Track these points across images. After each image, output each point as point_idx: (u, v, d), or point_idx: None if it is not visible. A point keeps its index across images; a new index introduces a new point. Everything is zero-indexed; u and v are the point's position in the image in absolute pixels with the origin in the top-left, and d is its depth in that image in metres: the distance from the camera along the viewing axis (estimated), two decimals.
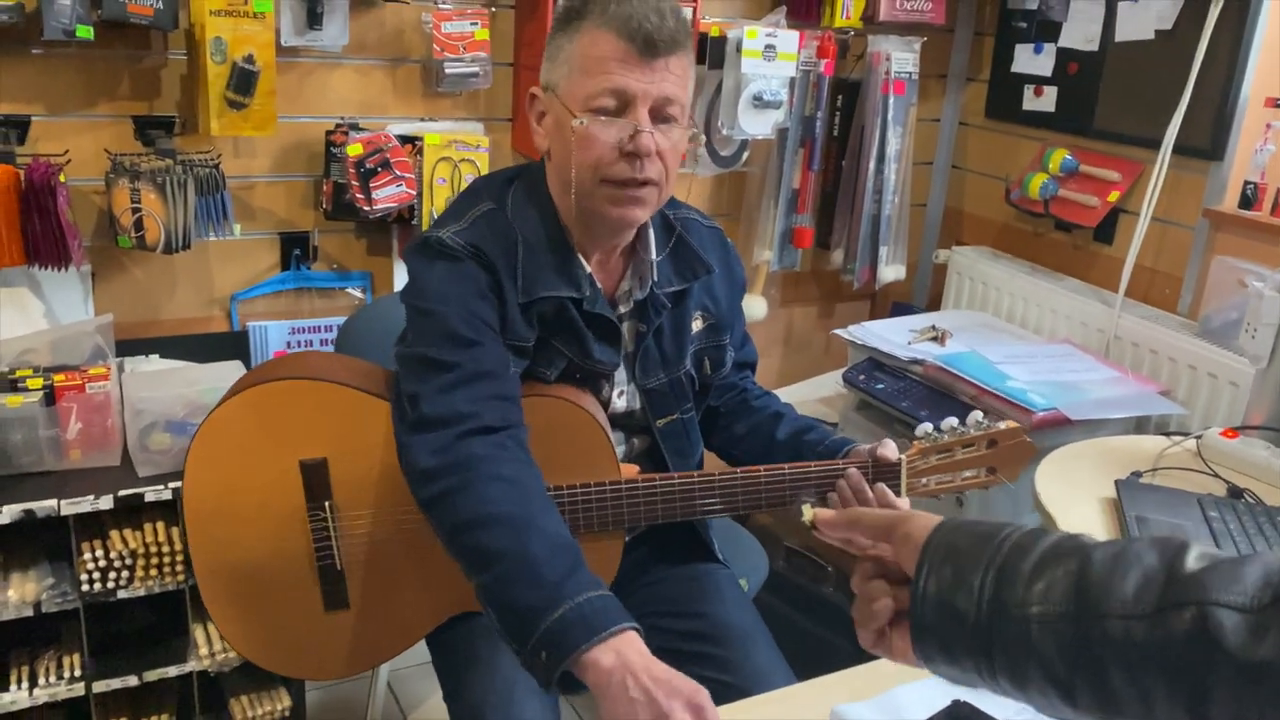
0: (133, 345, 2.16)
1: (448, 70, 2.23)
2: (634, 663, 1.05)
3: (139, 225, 1.98)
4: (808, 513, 0.91)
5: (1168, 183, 2.37)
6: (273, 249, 2.27)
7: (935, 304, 3.03)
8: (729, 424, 1.62)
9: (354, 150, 2.14)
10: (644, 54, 1.26)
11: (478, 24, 2.22)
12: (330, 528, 1.38)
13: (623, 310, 1.45)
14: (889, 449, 1.40)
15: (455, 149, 2.23)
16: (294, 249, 2.27)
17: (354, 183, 2.16)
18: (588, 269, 1.40)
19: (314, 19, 2.08)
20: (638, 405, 1.48)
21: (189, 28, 2.02)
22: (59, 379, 1.85)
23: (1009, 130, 2.87)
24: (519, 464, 1.23)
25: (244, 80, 1.97)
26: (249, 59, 1.97)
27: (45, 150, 1.96)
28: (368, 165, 2.15)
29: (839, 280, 2.94)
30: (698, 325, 1.52)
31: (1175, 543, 0.71)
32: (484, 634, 1.38)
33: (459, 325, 1.29)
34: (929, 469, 1.44)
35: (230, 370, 2.01)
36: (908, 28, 2.73)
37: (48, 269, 1.93)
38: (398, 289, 1.90)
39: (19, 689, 1.87)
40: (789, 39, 2.47)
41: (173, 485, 1.84)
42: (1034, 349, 2.37)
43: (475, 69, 2.25)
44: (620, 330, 1.43)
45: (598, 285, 1.41)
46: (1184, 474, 1.71)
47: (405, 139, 2.21)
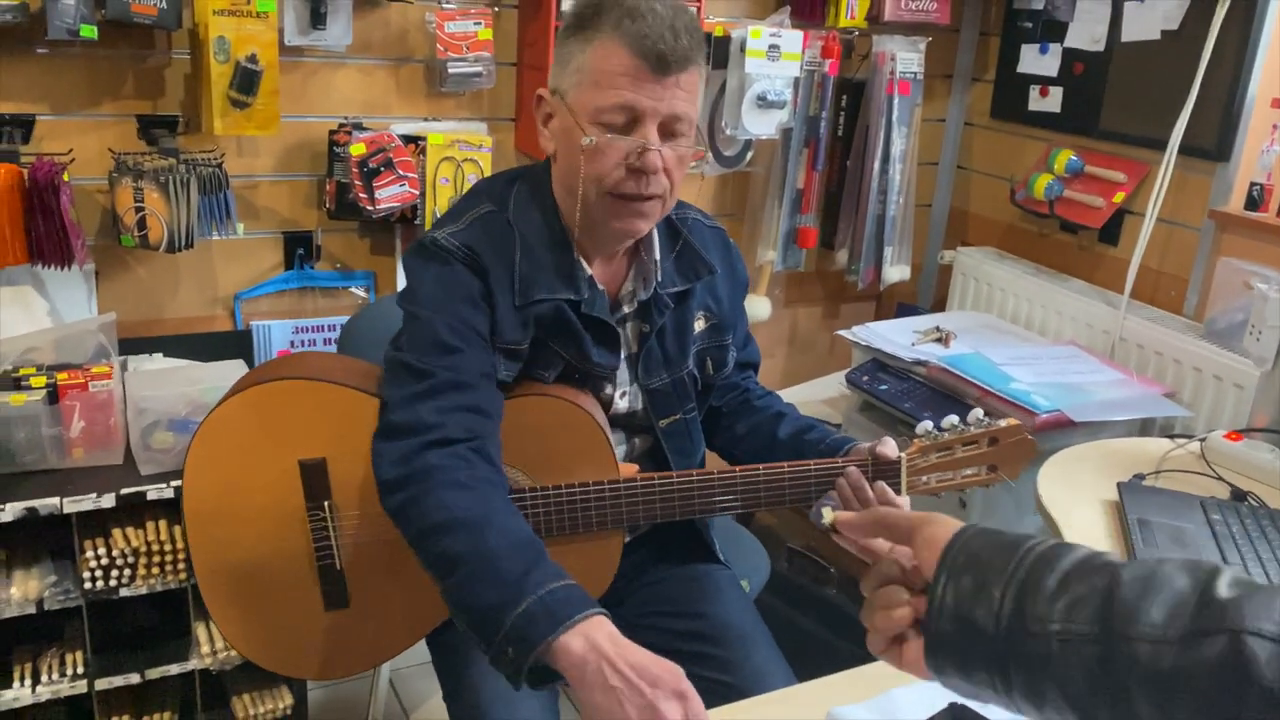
0: (137, 344, 2.17)
1: (451, 70, 2.23)
2: (606, 649, 1.04)
3: (142, 224, 1.98)
4: (828, 515, 0.89)
5: (1173, 184, 2.36)
6: (276, 248, 2.28)
7: (940, 305, 3.02)
8: (731, 424, 1.62)
9: (357, 150, 2.14)
10: (656, 71, 1.25)
11: (481, 24, 2.23)
12: (330, 527, 1.38)
13: (626, 310, 1.45)
14: (888, 447, 1.40)
15: (458, 149, 2.23)
16: (297, 248, 2.28)
17: (357, 182, 2.16)
18: (588, 271, 1.40)
19: (317, 19, 2.08)
20: (640, 405, 1.48)
21: (193, 27, 2.03)
22: (62, 377, 1.86)
23: (1014, 130, 2.86)
24: (478, 472, 1.23)
25: (247, 80, 1.98)
26: (252, 58, 1.98)
27: (50, 149, 1.97)
28: (371, 165, 2.15)
29: (843, 281, 2.94)
30: (700, 325, 1.52)
31: (1207, 567, 0.69)
32: None
33: (443, 331, 1.29)
34: (929, 467, 1.43)
35: (232, 369, 2.01)
36: (913, 28, 2.73)
37: (51, 268, 1.94)
38: (400, 289, 1.90)
39: (22, 686, 1.88)
40: (793, 39, 2.46)
41: (175, 484, 1.85)
42: (1038, 350, 2.36)
43: (479, 69, 2.25)
44: (618, 333, 1.43)
45: (599, 287, 1.40)
46: (1187, 476, 1.70)
47: (408, 139, 2.21)
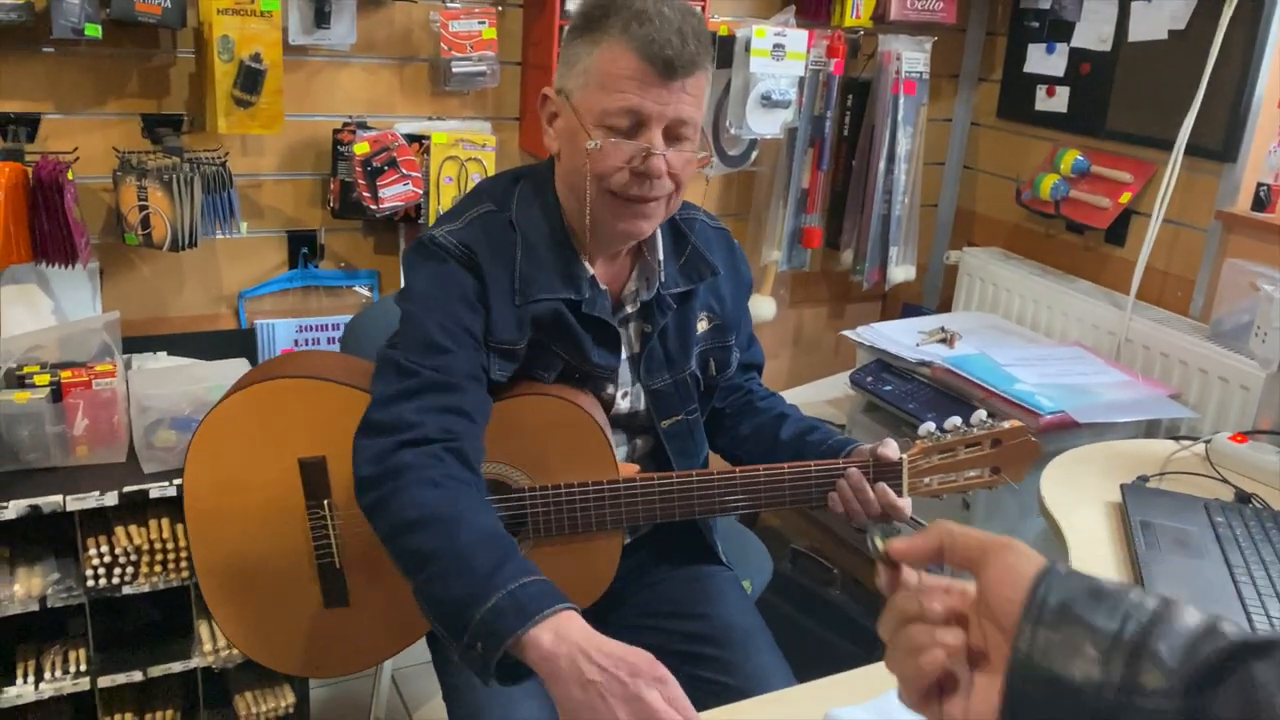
0: (141, 342, 2.17)
1: (455, 69, 2.23)
2: (579, 641, 1.02)
3: (146, 223, 1.98)
4: (880, 544, 0.79)
5: (1180, 184, 2.34)
6: (280, 247, 2.28)
7: (946, 305, 3.01)
8: (734, 425, 1.62)
9: (361, 149, 2.14)
10: (662, 76, 1.25)
11: (485, 23, 2.23)
12: (329, 526, 1.38)
13: (629, 310, 1.45)
14: (890, 448, 1.39)
15: (462, 148, 2.23)
16: (301, 247, 2.28)
17: (361, 181, 2.16)
18: (590, 271, 1.39)
19: (322, 18, 2.08)
20: (642, 406, 1.48)
21: (197, 26, 2.03)
22: (66, 375, 1.86)
23: (1020, 130, 2.85)
24: (451, 471, 1.22)
25: (251, 79, 1.98)
26: (256, 57, 1.98)
27: (55, 148, 1.98)
28: (374, 164, 2.15)
29: (849, 281, 2.93)
30: (703, 326, 1.51)
31: None
32: None
33: (434, 331, 1.29)
34: (931, 468, 1.42)
35: (235, 368, 2.01)
36: (918, 27, 2.72)
37: (56, 266, 1.94)
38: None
39: (25, 683, 1.88)
40: (798, 38, 2.46)
41: (177, 482, 1.85)
42: (1043, 351, 2.35)
43: (483, 68, 2.25)
44: (619, 333, 1.42)
45: (601, 287, 1.40)
46: (1191, 478, 1.69)
47: (412, 138, 2.21)
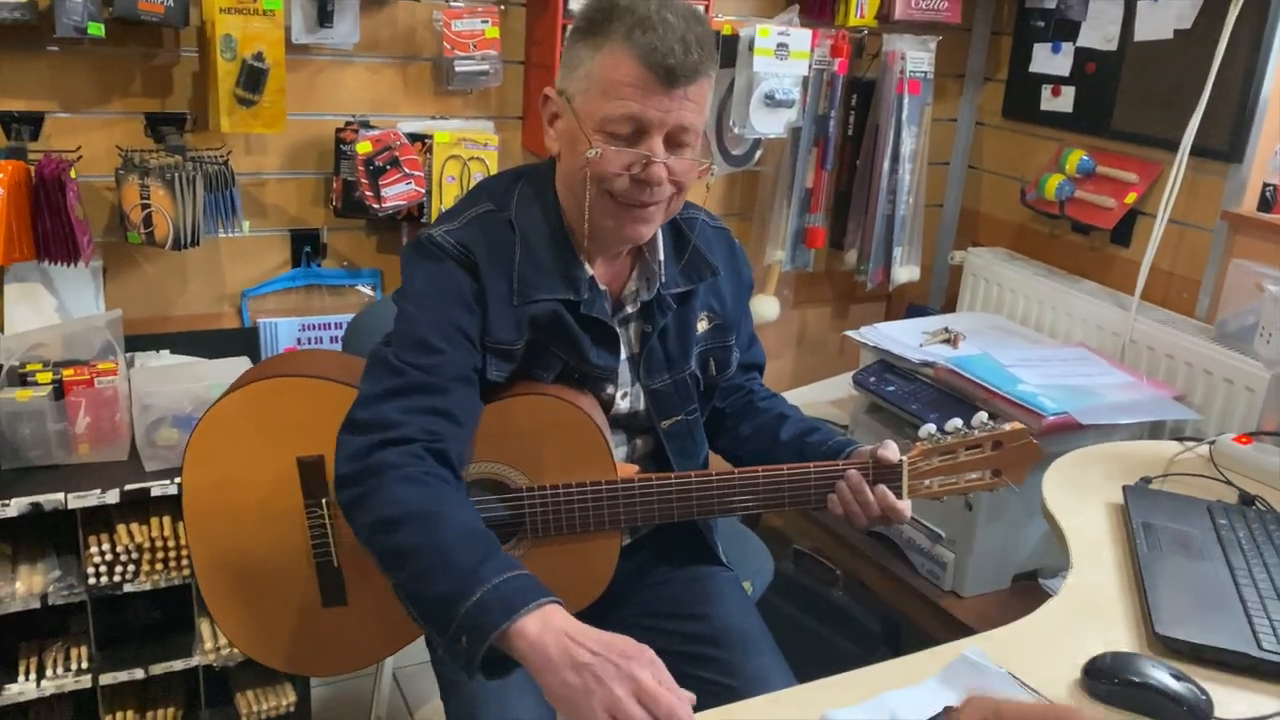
0: (144, 340, 2.17)
1: (458, 68, 2.23)
2: (566, 628, 1.02)
3: (148, 221, 1.99)
4: None
5: (1186, 184, 2.33)
6: (283, 246, 2.28)
7: (951, 305, 3.00)
8: (734, 426, 1.61)
9: (363, 148, 2.14)
10: (664, 84, 1.25)
11: (488, 22, 2.22)
12: (328, 524, 1.38)
13: (629, 311, 1.44)
14: (890, 450, 1.38)
15: (465, 147, 2.23)
16: (304, 246, 2.28)
17: (363, 180, 2.16)
18: (589, 271, 1.39)
19: (325, 17, 2.08)
20: (642, 406, 1.47)
21: (200, 25, 2.03)
22: (68, 373, 1.87)
23: (1026, 130, 2.84)
24: (431, 469, 1.22)
25: (253, 77, 1.98)
26: (258, 56, 1.98)
27: (59, 147, 1.98)
28: (377, 163, 2.15)
29: (853, 281, 2.92)
30: (703, 326, 1.51)
31: None
32: None
33: (427, 331, 1.29)
34: (932, 470, 1.42)
35: (238, 366, 2.02)
36: (923, 26, 2.71)
37: (59, 264, 1.95)
38: None
39: (27, 680, 1.89)
40: (802, 37, 2.45)
41: (179, 480, 1.85)
42: (1047, 352, 2.34)
43: (485, 67, 2.25)
44: (617, 334, 1.42)
45: (600, 288, 1.40)
46: (1195, 480, 1.68)
47: (415, 137, 2.21)
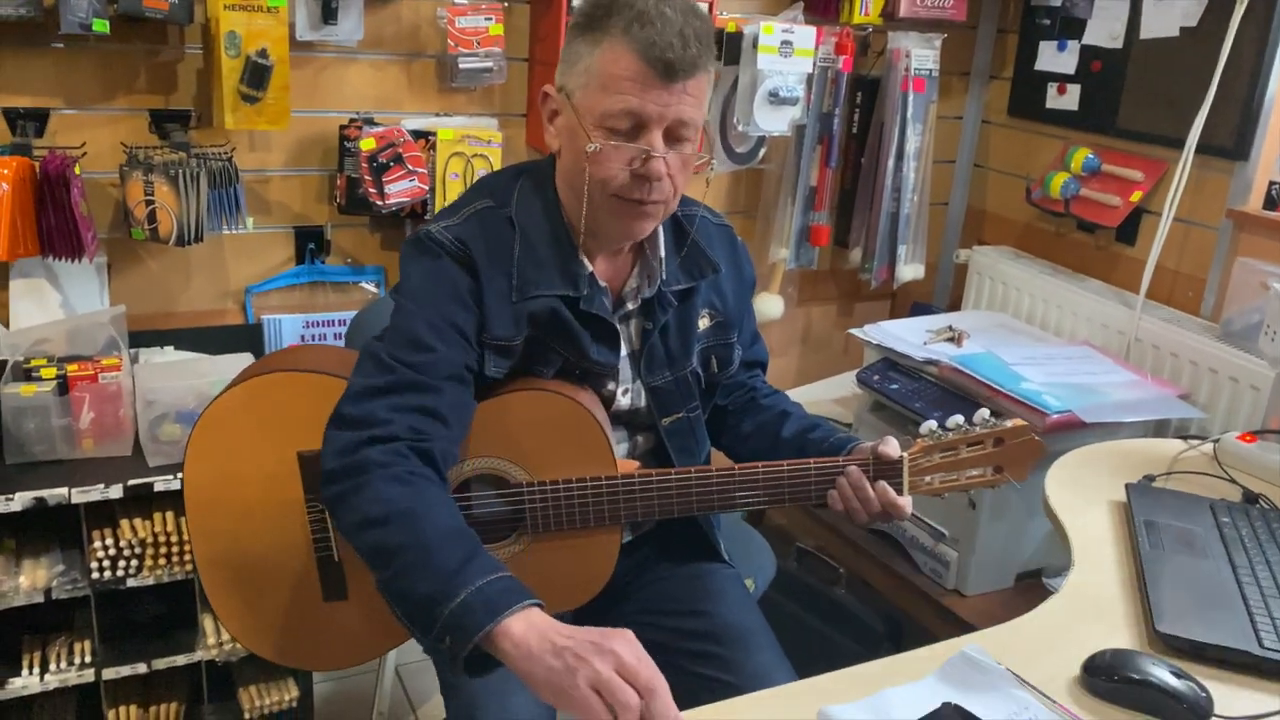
0: (148, 336, 2.18)
1: (462, 65, 2.24)
2: (546, 626, 1.04)
3: (152, 218, 1.99)
4: None
5: (1191, 183, 2.32)
6: (287, 243, 2.29)
7: (956, 304, 2.99)
8: (737, 423, 1.61)
9: (367, 145, 2.15)
10: (663, 78, 1.25)
11: (492, 19, 2.23)
12: (328, 519, 1.38)
13: (630, 308, 1.44)
14: (890, 446, 1.38)
15: (468, 144, 2.23)
16: (308, 243, 2.28)
17: (367, 177, 2.16)
18: (589, 267, 1.39)
19: (329, 14, 2.08)
20: (643, 403, 1.47)
21: (204, 22, 2.04)
22: (72, 369, 1.88)
23: (1031, 128, 2.83)
24: (415, 468, 1.22)
25: (257, 74, 1.98)
26: (262, 53, 1.98)
27: (64, 143, 1.99)
28: (380, 160, 2.15)
29: (857, 279, 2.92)
30: (704, 323, 1.51)
31: None
32: None
33: (421, 328, 1.29)
34: (932, 467, 1.41)
35: (242, 363, 2.02)
36: (928, 24, 2.70)
37: (63, 260, 1.95)
38: None
39: (30, 674, 1.89)
40: (806, 35, 2.45)
41: (182, 475, 1.85)
42: (1052, 351, 2.34)
43: (489, 64, 2.26)
44: (617, 330, 1.42)
45: (600, 284, 1.40)
46: (1199, 478, 1.67)
47: (419, 134, 2.21)
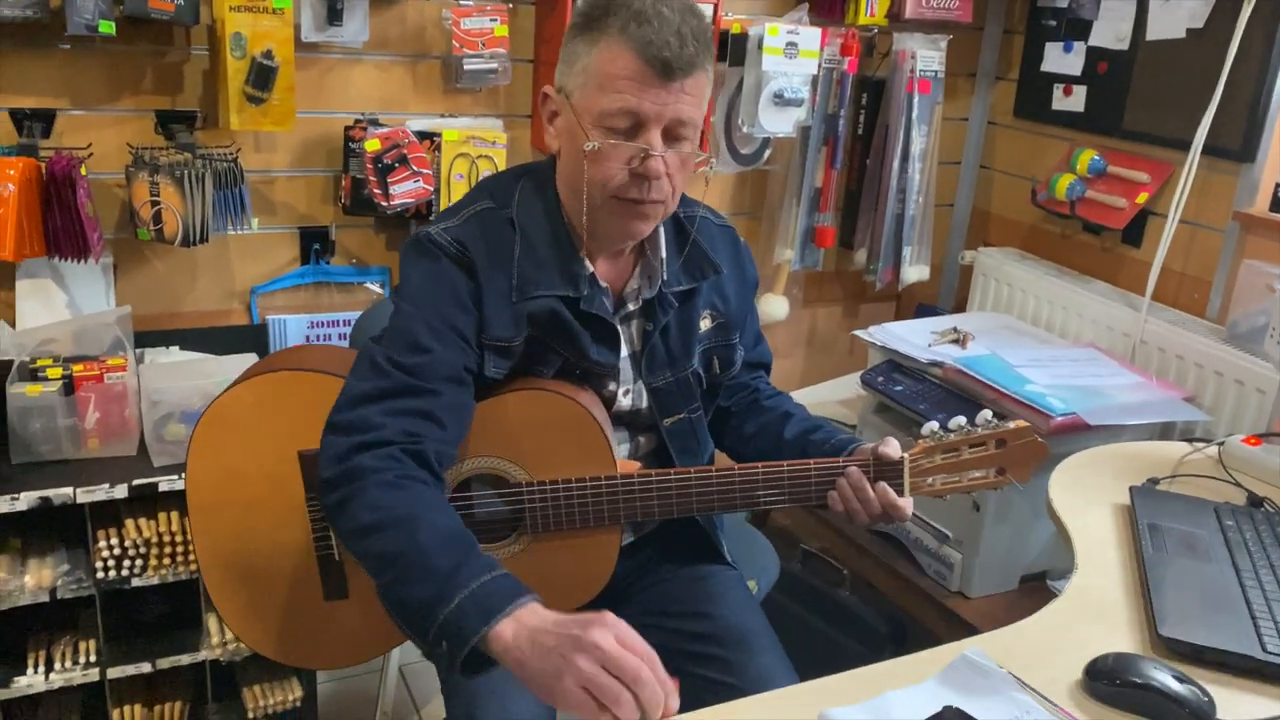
0: (154, 337, 2.19)
1: (467, 66, 2.24)
2: (536, 624, 1.04)
3: (158, 218, 2.00)
4: None
5: (1197, 184, 2.32)
6: (292, 243, 2.29)
7: (961, 306, 2.99)
8: (739, 424, 1.61)
9: (372, 146, 2.15)
10: (661, 77, 1.25)
11: (497, 20, 2.23)
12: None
13: (631, 308, 1.44)
14: (891, 447, 1.38)
15: (473, 145, 2.23)
16: (313, 243, 2.29)
17: (372, 178, 2.17)
18: (589, 268, 1.39)
19: (334, 15, 2.09)
20: (644, 404, 1.48)
21: (210, 23, 2.04)
22: (78, 369, 1.89)
23: (1037, 130, 2.82)
24: (409, 471, 1.22)
25: (262, 75, 1.99)
26: (268, 54, 1.99)
27: (70, 144, 2.00)
28: (385, 161, 2.16)
29: (862, 280, 2.91)
30: (706, 324, 1.51)
31: None
32: None
33: (420, 330, 1.30)
34: (934, 468, 1.41)
35: (247, 363, 2.02)
36: (934, 25, 2.70)
37: (69, 261, 1.96)
38: None
39: (35, 673, 1.90)
40: (811, 36, 2.45)
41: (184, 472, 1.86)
42: (1056, 353, 2.33)
43: (494, 65, 2.26)
44: (617, 331, 1.42)
45: (601, 285, 1.40)
46: (1204, 481, 1.67)
47: (424, 135, 2.22)
